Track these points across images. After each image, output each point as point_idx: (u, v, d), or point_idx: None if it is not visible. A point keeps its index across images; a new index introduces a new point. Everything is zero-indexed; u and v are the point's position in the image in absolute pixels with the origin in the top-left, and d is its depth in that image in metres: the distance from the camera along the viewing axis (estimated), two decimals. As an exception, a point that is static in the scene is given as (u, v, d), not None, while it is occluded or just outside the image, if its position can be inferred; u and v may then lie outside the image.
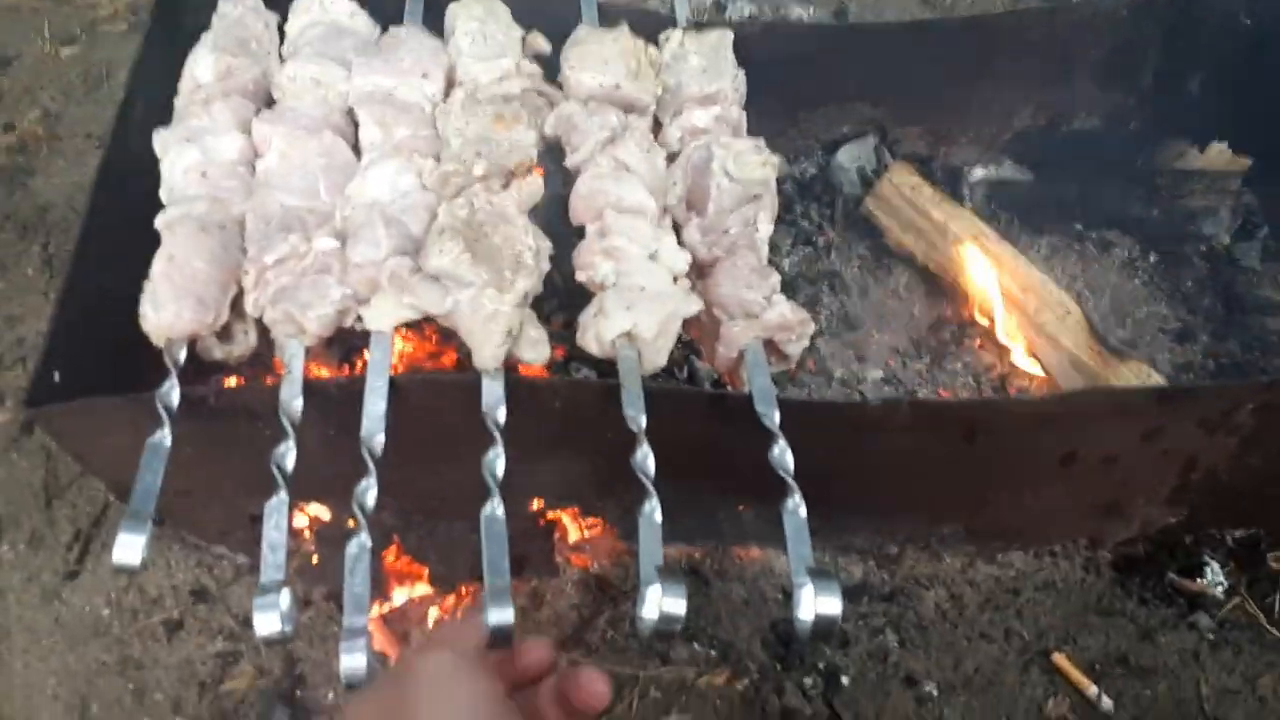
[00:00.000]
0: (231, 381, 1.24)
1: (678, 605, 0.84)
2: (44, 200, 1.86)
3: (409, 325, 1.06)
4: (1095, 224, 1.78)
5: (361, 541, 0.87)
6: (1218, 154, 1.75)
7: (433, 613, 1.32)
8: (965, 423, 1.14)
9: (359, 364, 1.37)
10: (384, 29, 1.30)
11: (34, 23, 2.19)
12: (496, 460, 0.90)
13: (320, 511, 1.25)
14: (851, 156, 1.78)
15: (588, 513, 1.31)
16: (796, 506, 0.93)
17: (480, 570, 0.85)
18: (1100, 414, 1.15)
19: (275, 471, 0.89)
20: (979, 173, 1.82)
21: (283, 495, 0.88)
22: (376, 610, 1.29)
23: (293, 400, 0.94)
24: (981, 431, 1.15)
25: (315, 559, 1.27)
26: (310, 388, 0.96)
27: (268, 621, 0.82)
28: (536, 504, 1.27)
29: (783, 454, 0.97)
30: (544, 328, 1.02)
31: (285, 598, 0.83)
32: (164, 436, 0.90)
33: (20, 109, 2.04)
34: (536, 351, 0.99)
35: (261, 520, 0.89)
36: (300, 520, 1.25)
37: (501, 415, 0.94)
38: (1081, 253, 1.77)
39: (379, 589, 1.30)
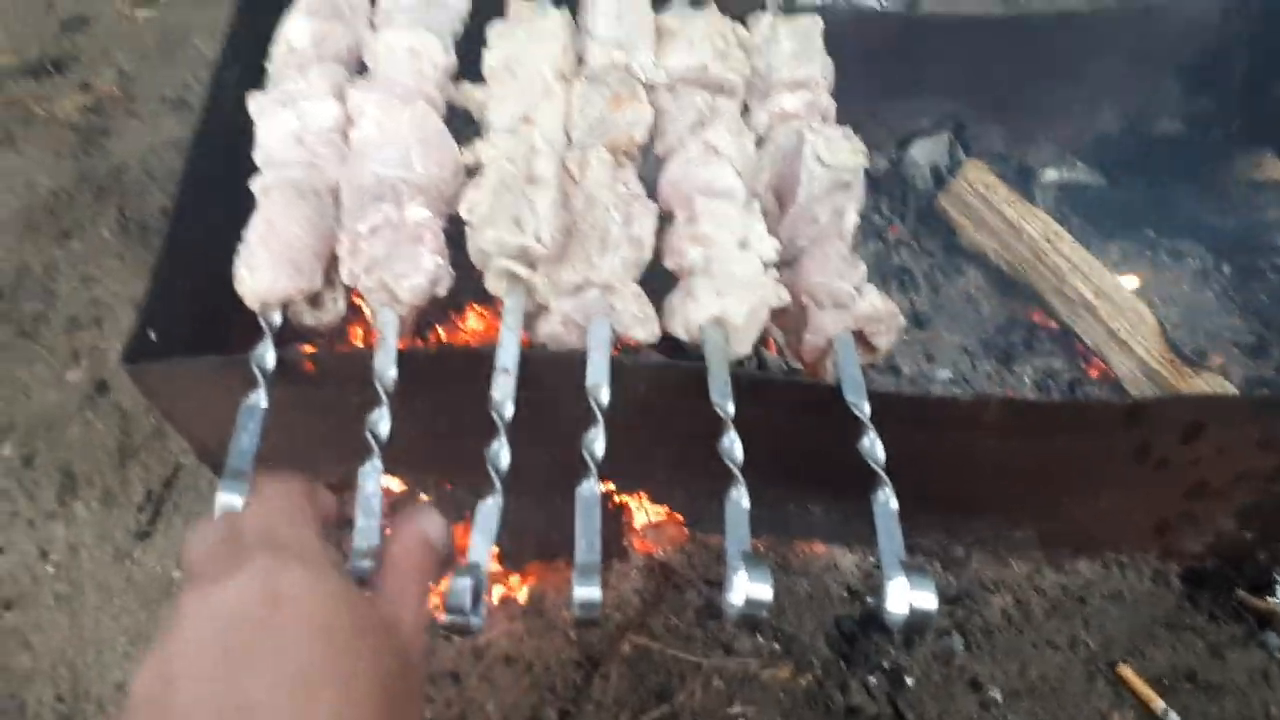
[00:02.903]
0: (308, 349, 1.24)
1: (764, 591, 0.83)
2: (119, 161, 1.88)
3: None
4: (1167, 232, 1.74)
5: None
6: (1296, 165, 1.71)
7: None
8: (1054, 423, 1.12)
9: (432, 338, 1.37)
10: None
11: (110, -15, 2.20)
12: (596, 441, 0.89)
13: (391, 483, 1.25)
14: (925, 152, 1.76)
15: (656, 499, 1.30)
16: (888, 499, 0.92)
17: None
18: (1193, 421, 1.12)
19: (370, 438, 0.89)
20: (1051, 174, 1.80)
21: (376, 461, 0.88)
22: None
23: (387, 369, 0.93)
24: (1067, 433, 1.13)
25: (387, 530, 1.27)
26: (403, 356, 0.96)
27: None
28: (607, 486, 1.26)
29: (873, 445, 0.96)
30: (650, 305, 1.00)
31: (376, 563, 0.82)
32: (259, 398, 0.90)
33: (96, 69, 2.05)
34: (646, 329, 0.98)
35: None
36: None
37: (605, 395, 0.92)
38: (1153, 260, 1.74)
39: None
